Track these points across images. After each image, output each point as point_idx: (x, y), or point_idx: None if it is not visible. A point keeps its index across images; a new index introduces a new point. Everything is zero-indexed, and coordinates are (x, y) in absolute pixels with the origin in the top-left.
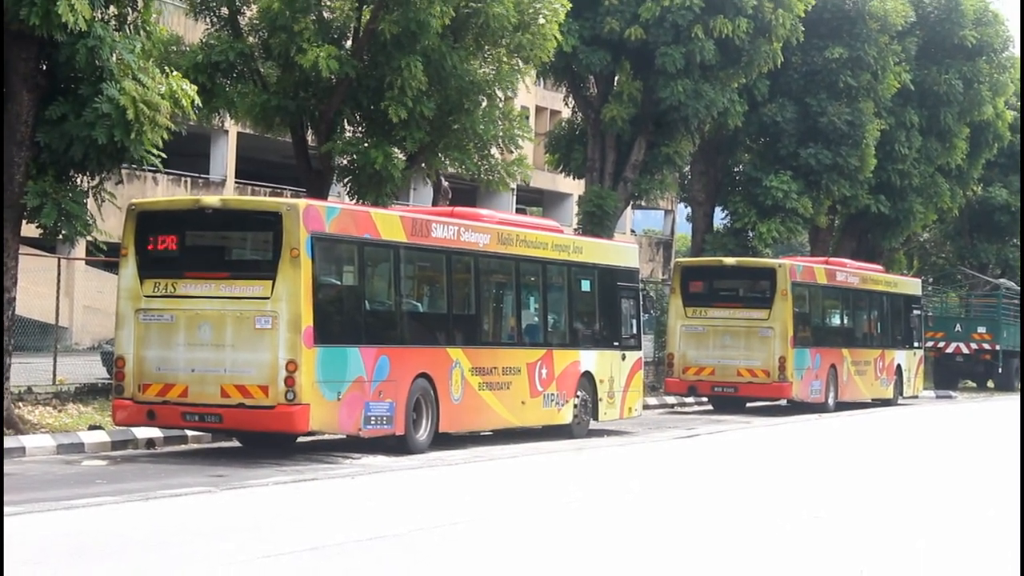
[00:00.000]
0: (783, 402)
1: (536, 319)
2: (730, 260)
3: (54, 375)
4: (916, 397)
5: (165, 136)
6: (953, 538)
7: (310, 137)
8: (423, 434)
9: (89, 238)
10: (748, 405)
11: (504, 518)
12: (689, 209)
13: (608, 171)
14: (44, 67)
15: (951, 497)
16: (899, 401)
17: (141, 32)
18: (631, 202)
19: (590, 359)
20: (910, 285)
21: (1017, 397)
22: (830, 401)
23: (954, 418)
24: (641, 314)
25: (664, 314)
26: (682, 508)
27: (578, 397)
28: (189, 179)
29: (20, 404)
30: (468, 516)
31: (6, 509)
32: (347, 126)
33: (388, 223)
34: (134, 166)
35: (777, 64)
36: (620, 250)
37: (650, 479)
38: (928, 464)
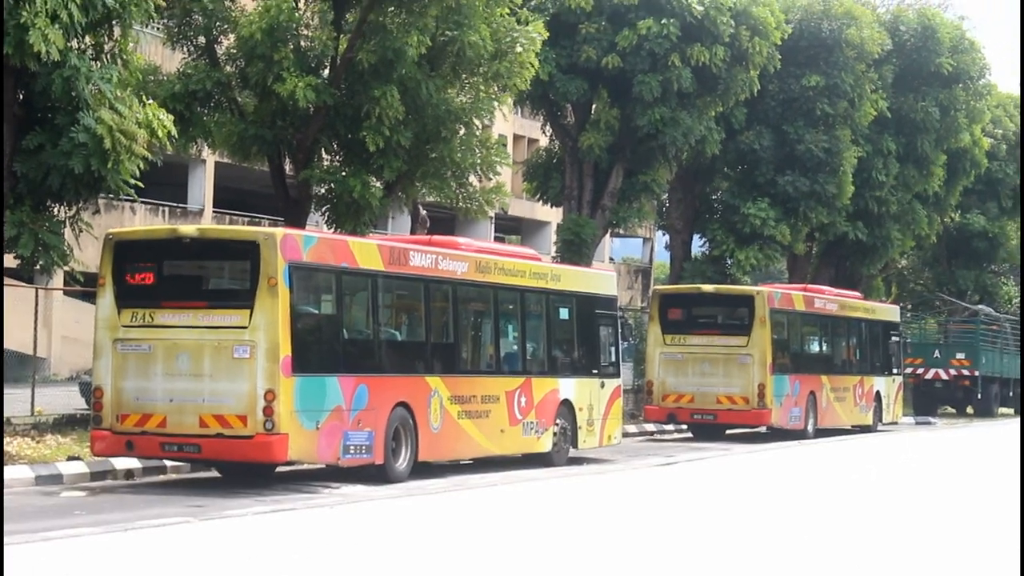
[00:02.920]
0: (763, 429)
1: (515, 347)
2: (709, 287)
3: (32, 406)
4: (895, 423)
5: (142, 165)
6: (941, 561)
7: (288, 166)
8: (402, 463)
9: (66, 268)
10: (728, 432)
11: (485, 547)
12: (667, 237)
13: (586, 199)
14: (21, 97)
15: (938, 521)
16: (878, 427)
17: (118, 61)
18: (609, 230)
19: (569, 387)
20: (889, 312)
21: (997, 423)
22: (809, 428)
23: (934, 444)
24: (620, 342)
25: (643, 341)
26: (661, 535)
27: (557, 425)
28: (167, 208)
29: None
30: (449, 546)
31: None
32: (324, 155)
33: (366, 252)
34: (111, 196)
35: (754, 92)
36: (598, 278)
37: (629, 506)
38: (911, 489)
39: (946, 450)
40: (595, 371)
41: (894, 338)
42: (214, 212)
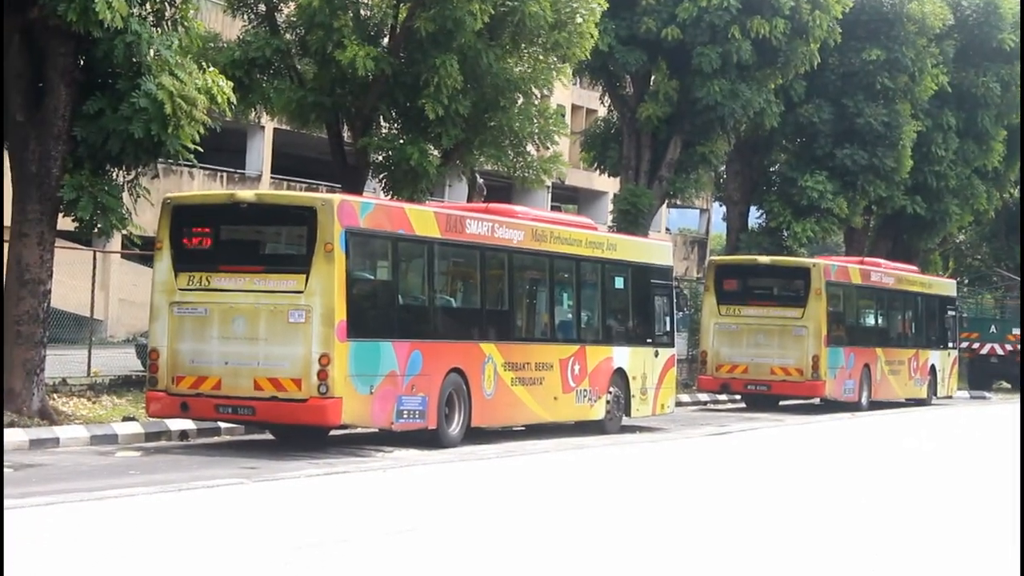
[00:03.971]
0: (816, 401)
1: (569, 315)
2: (764, 259)
3: (89, 367)
4: (950, 397)
5: (201, 131)
6: (985, 534)
7: (346, 133)
8: (455, 428)
9: (124, 232)
10: (781, 403)
11: (536, 514)
12: (724, 208)
13: (643, 169)
14: (82, 62)
15: (988, 495)
16: (933, 401)
17: (179, 28)
18: (666, 200)
19: (623, 356)
20: (945, 286)
21: None
22: (863, 400)
23: (988, 418)
24: (674, 311)
25: (698, 312)
26: (709, 503)
27: (610, 393)
28: (225, 174)
29: (55, 395)
30: (501, 510)
31: (39, 499)
32: (383, 123)
33: (422, 219)
34: (170, 161)
35: (814, 65)
36: (654, 248)
37: (682, 475)
38: (964, 462)
39: (1000, 425)
40: (649, 340)
41: (950, 312)
42: (272, 178)
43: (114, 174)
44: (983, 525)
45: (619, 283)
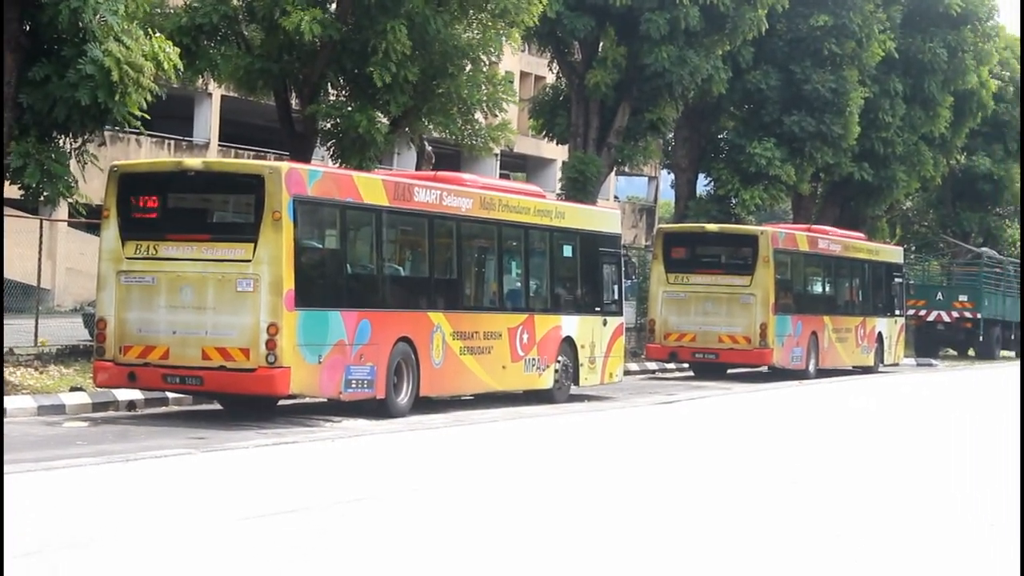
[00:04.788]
0: (764, 369)
1: (518, 284)
2: (712, 227)
3: (36, 336)
4: (897, 365)
5: (148, 98)
6: (929, 505)
7: (294, 101)
8: (404, 398)
9: (71, 199)
10: (729, 371)
11: (483, 482)
12: (672, 176)
13: (592, 137)
14: (27, 28)
15: (932, 464)
16: (880, 368)
17: None
18: (614, 168)
19: (571, 324)
20: (892, 253)
21: (998, 365)
22: (811, 368)
23: (935, 385)
24: (623, 280)
25: (646, 280)
26: (654, 472)
27: (559, 362)
28: (172, 142)
29: None
30: (448, 479)
31: None
32: (331, 90)
33: (370, 187)
34: (117, 128)
35: (762, 31)
36: (602, 216)
37: (626, 443)
38: (911, 430)
39: (945, 391)
40: (598, 309)
41: (897, 279)
42: (220, 146)
43: (61, 141)
44: (927, 498)
45: (567, 251)
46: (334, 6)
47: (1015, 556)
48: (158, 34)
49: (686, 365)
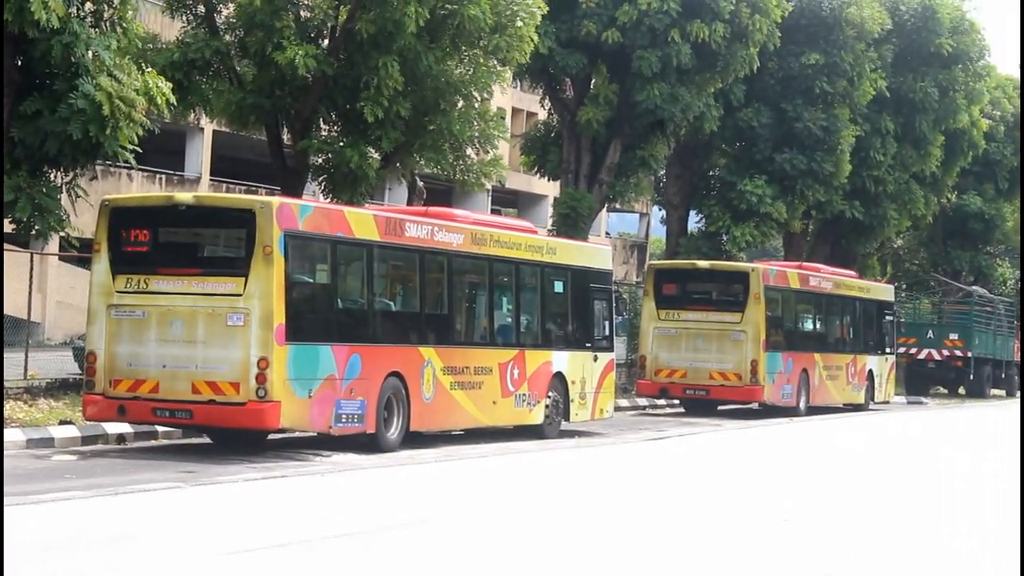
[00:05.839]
0: (755, 405)
1: (509, 319)
2: (703, 263)
3: (25, 370)
4: (887, 402)
5: (140, 132)
6: (924, 539)
7: (285, 136)
8: (394, 432)
9: (62, 233)
10: (719, 408)
11: (472, 517)
12: (664, 212)
13: (583, 173)
14: (19, 63)
15: (923, 499)
16: (870, 406)
17: (117, 29)
18: (606, 204)
19: (562, 360)
20: (883, 291)
21: (989, 404)
22: (801, 405)
23: (925, 423)
24: (614, 316)
25: (637, 316)
26: (645, 508)
27: (549, 398)
28: (164, 176)
29: None
30: (437, 515)
31: None
32: (323, 125)
33: (361, 222)
34: (108, 162)
35: (753, 69)
36: (594, 252)
37: (616, 479)
38: (902, 468)
39: (935, 429)
40: (589, 344)
41: (888, 317)
42: (211, 180)
43: (52, 175)
44: (920, 533)
45: (559, 287)
46: (327, 42)
47: None
48: (150, 69)
49: (677, 401)
